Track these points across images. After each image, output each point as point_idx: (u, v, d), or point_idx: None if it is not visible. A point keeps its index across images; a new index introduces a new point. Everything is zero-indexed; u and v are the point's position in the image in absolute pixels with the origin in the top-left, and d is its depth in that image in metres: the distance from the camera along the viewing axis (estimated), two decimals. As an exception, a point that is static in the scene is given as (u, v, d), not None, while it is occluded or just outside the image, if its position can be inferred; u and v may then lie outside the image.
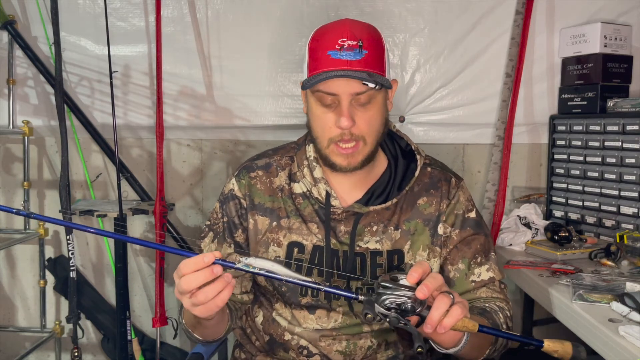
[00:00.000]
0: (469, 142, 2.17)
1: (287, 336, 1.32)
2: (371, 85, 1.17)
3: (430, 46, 2.08)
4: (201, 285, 0.94)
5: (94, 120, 2.14)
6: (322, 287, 0.95)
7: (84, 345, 2.28)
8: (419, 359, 1.34)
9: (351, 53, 1.17)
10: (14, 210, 1.03)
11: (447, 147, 2.16)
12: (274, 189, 1.34)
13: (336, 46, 1.18)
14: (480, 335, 1.01)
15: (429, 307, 0.94)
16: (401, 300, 0.92)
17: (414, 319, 0.95)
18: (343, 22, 1.24)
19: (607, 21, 1.96)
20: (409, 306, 0.92)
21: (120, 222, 1.95)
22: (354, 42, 1.18)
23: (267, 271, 0.93)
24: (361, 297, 0.95)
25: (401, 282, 0.94)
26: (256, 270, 0.93)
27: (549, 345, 0.98)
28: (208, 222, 1.38)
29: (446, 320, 0.93)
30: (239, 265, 0.93)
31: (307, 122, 1.30)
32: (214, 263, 0.93)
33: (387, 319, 0.93)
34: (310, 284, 0.94)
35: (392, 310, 0.92)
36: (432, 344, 1.07)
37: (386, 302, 0.92)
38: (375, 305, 0.93)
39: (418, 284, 0.94)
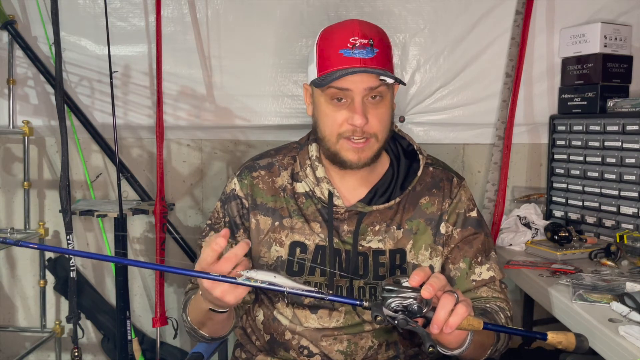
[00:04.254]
0: (469, 142, 2.17)
1: (288, 335, 1.31)
2: (389, 80, 1.18)
3: (430, 46, 2.08)
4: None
5: (94, 120, 2.14)
6: (325, 296, 0.95)
7: (84, 345, 2.27)
8: (430, 357, 1.33)
9: (363, 51, 1.18)
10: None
11: (447, 147, 2.16)
12: (276, 189, 1.35)
13: (348, 45, 1.18)
14: (483, 335, 1.01)
15: (433, 309, 0.94)
16: (407, 301, 0.92)
17: (419, 321, 0.95)
18: (352, 21, 1.25)
19: (607, 21, 1.96)
20: (416, 307, 0.92)
21: (121, 222, 1.95)
22: (366, 41, 1.19)
23: (270, 284, 0.94)
24: (365, 304, 0.95)
25: (404, 284, 0.94)
26: (258, 284, 0.94)
27: (552, 337, 0.98)
28: (209, 222, 1.38)
29: (452, 319, 0.93)
30: (240, 280, 0.94)
31: (313, 122, 1.31)
32: (214, 279, 0.95)
33: (396, 321, 0.93)
34: (314, 294, 0.95)
35: (400, 313, 0.92)
36: (437, 347, 1.07)
37: (392, 304, 0.92)
38: (383, 308, 0.93)
39: (421, 286, 0.94)
